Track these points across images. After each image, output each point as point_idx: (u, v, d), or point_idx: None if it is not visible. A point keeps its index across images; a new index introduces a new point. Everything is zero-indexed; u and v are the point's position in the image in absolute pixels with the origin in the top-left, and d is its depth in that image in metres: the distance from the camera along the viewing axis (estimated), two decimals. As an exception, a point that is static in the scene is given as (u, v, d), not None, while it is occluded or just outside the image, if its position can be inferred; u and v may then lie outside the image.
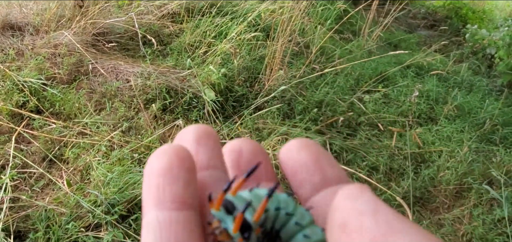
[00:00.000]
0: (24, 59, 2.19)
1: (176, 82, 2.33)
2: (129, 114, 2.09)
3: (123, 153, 1.75)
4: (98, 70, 2.28)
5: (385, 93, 2.75)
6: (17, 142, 1.75)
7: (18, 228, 1.40)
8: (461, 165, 2.11)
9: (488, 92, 3.19)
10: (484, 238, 1.86)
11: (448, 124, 2.51)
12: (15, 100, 1.91)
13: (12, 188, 1.49)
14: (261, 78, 2.54)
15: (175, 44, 2.76)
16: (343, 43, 3.31)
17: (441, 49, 3.93)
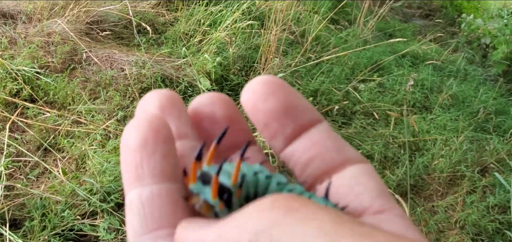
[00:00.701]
0: (17, 47, 2.17)
1: (171, 71, 2.31)
2: (124, 103, 2.08)
3: (119, 142, 1.74)
4: (92, 59, 2.26)
5: (380, 82, 2.75)
6: (11, 131, 1.74)
7: (14, 216, 1.40)
8: (456, 153, 2.13)
9: (483, 82, 3.21)
10: (477, 224, 1.88)
11: (443, 113, 2.53)
12: (8, 89, 1.89)
13: (7, 176, 1.49)
14: (256, 67, 2.53)
15: (170, 32, 2.74)
16: (338, 32, 3.30)
17: (436, 39, 3.94)
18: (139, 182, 0.18)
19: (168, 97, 0.21)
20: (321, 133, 0.21)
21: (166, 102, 0.21)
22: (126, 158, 0.19)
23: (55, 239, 1.34)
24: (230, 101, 0.22)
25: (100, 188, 1.45)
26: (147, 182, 0.18)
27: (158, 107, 0.21)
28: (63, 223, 1.38)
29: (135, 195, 0.18)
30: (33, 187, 1.52)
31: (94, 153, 1.63)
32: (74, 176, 1.56)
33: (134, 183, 0.18)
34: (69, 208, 1.43)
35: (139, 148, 0.18)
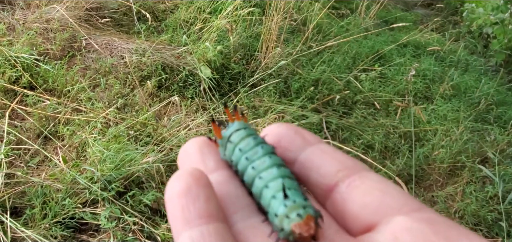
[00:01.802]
0: (16, 34, 2.14)
1: (172, 59, 2.30)
2: (124, 91, 2.07)
3: (119, 130, 1.74)
4: (92, 46, 2.24)
5: (381, 72, 2.74)
6: (11, 118, 1.73)
7: (14, 204, 1.40)
8: (456, 144, 2.13)
9: (484, 72, 3.19)
10: (476, 214, 1.89)
11: (444, 103, 2.52)
12: (7, 76, 1.87)
13: (7, 164, 1.48)
14: (257, 56, 2.52)
15: (170, 20, 2.72)
16: (340, 20, 3.27)
17: (438, 28, 3.91)
18: (188, 225, 0.20)
19: (205, 141, 0.26)
20: (328, 146, 0.24)
21: (204, 145, 0.25)
22: (173, 206, 0.21)
23: (56, 227, 1.34)
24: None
25: (100, 176, 1.45)
26: (195, 223, 0.20)
27: (197, 150, 0.25)
28: (64, 211, 1.38)
29: (186, 237, 0.20)
30: (33, 175, 1.52)
31: (94, 141, 1.63)
32: (75, 164, 1.56)
33: (183, 227, 0.20)
34: (69, 196, 1.42)
35: (184, 193, 0.21)
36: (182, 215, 0.20)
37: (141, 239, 1.37)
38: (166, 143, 1.73)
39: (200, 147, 0.25)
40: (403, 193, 0.21)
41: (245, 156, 0.23)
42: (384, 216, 0.20)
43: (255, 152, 0.23)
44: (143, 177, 1.57)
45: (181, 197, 0.21)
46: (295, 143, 0.24)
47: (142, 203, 1.48)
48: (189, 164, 0.24)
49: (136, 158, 1.58)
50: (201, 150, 0.25)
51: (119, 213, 1.40)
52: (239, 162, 0.23)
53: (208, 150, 0.25)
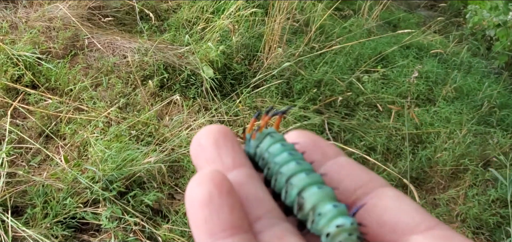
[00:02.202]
0: (18, 32, 2.14)
1: (174, 58, 2.29)
2: (126, 91, 2.06)
3: (121, 129, 1.73)
4: (94, 45, 2.24)
5: (384, 73, 2.73)
6: (13, 117, 1.73)
7: (16, 203, 1.40)
8: (459, 146, 2.12)
9: (487, 74, 3.18)
10: (478, 218, 1.88)
11: (447, 105, 2.52)
12: (9, 75, 1.87)
13: (9, 163, 1.48)
14: (260, 56, 2.51)
15: (173, 19, 2.71)
16: (342, 21, 3.26)
17: (441, 30, 3.90)
18: (211, 237, 0.19)
19: (220, 131, 0.23)
20: (347, 160, 0.24)
21: (219, 136, 0.23)
22: (195, 215, 0.19)
23: (57, 227, 1.34)
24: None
25: (102, 176, 1.45)
26: (220, 237, 0.19)
27: (213, 143, 0.23)
28: (65, 210, 1.38)
29: None
30: (35, 174, 1.52)
31: (96, 141, 1.62)
32: (76, 164, 1.55)
33: (207, 239, 0.19)
34: (71, 195, 1.42)
35: (206, 203, 0.19)
36: (206, 227, 0.19)
37: (142, 240, 1.37)
38: (167, 143, 1.72)
39: (215, 139, 0.22)
40: (419, 210, 0.21)
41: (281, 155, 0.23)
42: (402, 235, 0.20)
43: (290, 154, 0.23)
44: (144, 177, 1.56)
45: (203, 207, 0.19)
46: (313, 155, 0.24)
47: (144, 203, 1.47)
48: (203, 158, 0.22)
49: (138, 157, 1.58)
50: (217, 143, 0.22)
51: (120, 213, 1.40)
52: (274, 159, 0.23)
53: (224, 142, 0.23)
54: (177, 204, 1.56)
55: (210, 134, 0.23)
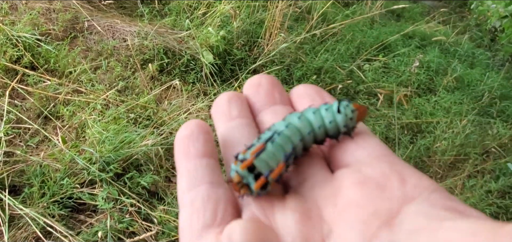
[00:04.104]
0: (18, 13, 2.14)
1: (174, 43, 2.29)
2: (125, 74, 2.06)
3: (119, 112, 1.74)
4: (94, 28, 2.23)
5: (385, 62, 2.71)
6: (12, 97, 1.74)
7: (13, 183, 1.41)
8: (459, 136, 2.12)
9: (489, 66, 3.16)
10: (475, 208, 1.88)
11: (447, 95, 2.50)
12: (9, 55, 1.87)
13: (7, 142, 1.49)
14: (260, 43, 2.50)
15: (174, 4, 2.70)
16: (345, 9, 3.23)
17: (445, 21, 3.86)
18: (186, 159, 0.26)
19: (234, 94, 0.29)
20: None
21: (232, 97, 0.29)
22: (178, 145, 0.26)
23: (54, 206, 1.35)
24: (273, 77, 0.31)
25: (99, 157, 1.45)
26: (192, 157, 0.26)
27: (227, 100, 0.29)
28: (62, 190, 1.39)
29: (183, 167, 0.26)
30: (32, 154, 1.52)
31: (94, 122, 1.63)
32: (74, 145, 1.56)
33: (183, 159, 0.26)
34: (68, 176, 1.43)
35: (187, 136, 0.26)
36: (184, 152, 0.26)
37: (138, 221, 1.38)
38: (165, 126, 1.73)
39: (229, 98, 0.29)
40: (381, 149, 0.25)
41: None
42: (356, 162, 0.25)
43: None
44: (141, 159, 1.57)
45: (185, 139, 0.26)
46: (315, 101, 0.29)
47: (140, 185, 1.48)
48: (217, 110, 0.29)
49: (135, 140, 1.58)
50: (229, 100, 0.29)
51: (117, 194, 1.41)
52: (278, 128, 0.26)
53: (235, 101, 0.29)
54: (173, 187, 1.56)
55: (226, 95, 0.29)
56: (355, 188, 0.22)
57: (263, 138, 0.25)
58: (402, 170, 0.23)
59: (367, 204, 0.21)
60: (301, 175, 0.25)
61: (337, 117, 0.26)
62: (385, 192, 0.22)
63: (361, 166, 0.24)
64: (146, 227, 1.37)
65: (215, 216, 0.23)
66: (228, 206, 0.24)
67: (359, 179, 0.23)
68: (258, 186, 0.24)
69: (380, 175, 0.22)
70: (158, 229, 1.36)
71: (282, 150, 0.25)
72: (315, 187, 0.24)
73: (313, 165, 0.26)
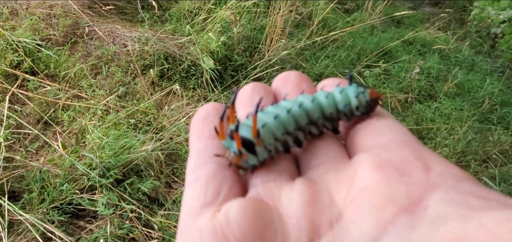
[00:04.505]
0: (18, 19, 2.14)
1: (175, 49, 2.29)
2: (125, 80, 2.06)
3: (119, 118, 1.73)
4: (94, 33, 2.23)
5: (385, 68, 2.71)
6: (12, 103, 1.73)
7: (13, 188, 1.40)
8: (460, 143, 2.11)
9: (490, 72, 3.16)
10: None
11: (448, 102, 2.50)
12: (9, 60, 1.87)
13: (6, 148, 1.48)
14: (261, 48, 2.50)
15: (174, 9, 2.70)
16: (346, 16, 3.24)
17: (445, 27, 3.87)
18: (198, 139, 0.26)
19: (260, 84, 0.29)
20: None
21: (257, 87, 0.29)
22: (193, 126, 0.27)
23: (53, 212, 1.34)
24: (302, 74, 0.30)
25: (99, 163, 1.45)
26: (204, 139, 0.25)
27: (251, 89, 0.29)
28: (62, 196, 1.38)
29: (194, 147, 0.25)
30: (32, 159, 1.52)
31: (94, 128, 1.62)
32: (74, 150, 1.55)
33: (195, 139, 0.26)
34: (68, 181, 1.42)
35: (202, 117, 0.26)
36: (197, 132, 0.26)
37: (138, 227, 1.37)
38: (165, 131, 1.72)
39: (253, 87, 0.29)
40: (403, 134, 0.24)
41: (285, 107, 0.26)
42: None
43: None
44: (142, 165, 1.56)
45: (200, 119, 0.26)
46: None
47: (140, 191, 1.47)
48: (241, 100, 0.28)
49: (136, 145, 1.58)
50: (253, 89, 0.29)
51: (117, 200, 1.40)
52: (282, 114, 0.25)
53: (258, 90, 0.29)
54: (174, 193, 1.55)
55: (252, 85, 0.29)
56: (372, 172, 0.21)
57: (267, 111, 0.25)
58: (427, 156, 0.21)
59: (383, 188, 0.20)
60: (316, 159, 0.25)
61: (352, 101, 0.26)
62: (405, 177, 0.20)
63: (380, 150, 0.22)
64: (147, 233, 1.36)
65: (217, 195, 0.23)
66: (234, 187, 0.23)
67: (377, 163, 0.21)
68: (238, 144, 0.23)
69: (401, 160, 0.21)
70: (159, 235, 1.35)
71: (282, 127, 0.24)
72: (330, 172, 0.23)
73: (329, 149, 0.25)
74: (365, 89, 0.26)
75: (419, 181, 0.20)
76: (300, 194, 0.22)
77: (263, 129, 0.24)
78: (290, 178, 0.24)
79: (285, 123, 0.24)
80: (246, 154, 0.24)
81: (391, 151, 0.22)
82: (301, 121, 0.25)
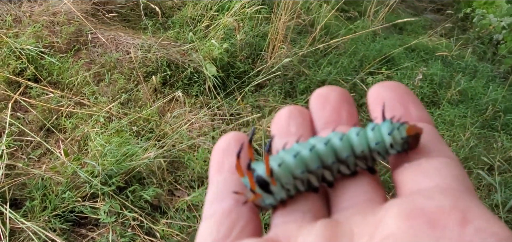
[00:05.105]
0: (22, 26, 2.15)
1: (177, 56, 2.29)
2: (128, 87, 2.06)
3: (121, 125, 1.73)
4: (97, 40, 2.24)
5: (388, 75, 2.71)
6: (14, 110, 1.73)
7: (14, 196, 1.39)
8: (463, 150, 2.10)
9: (492, 79, 3.15)
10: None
11: (451, 109, 2.49)
12: (12, 68, 1.87)
13: (9, 155, 1.48)
14: (264, 55, 2.50)
15: (177, 17, 2.71)
16: (348, 23, 3.25)
17: (447, 34, 3.87)
18: (218, 172, 0.25)
19: (297, 109, 0.28)
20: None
21: (293, 111, 0.28)
22: (214, 157, 0.26)
23: (55, 220, 1.34)
24: (343, 90, 0.29)
25: (101, 170, 1.44)
26: (224, 171, 0.25)
27: (287, 115, 0.28)
28: (64, 204, 1.38)
29: (214, 180, 0.25)
30: (34, 167, 1.51)
31: (96, 135, 1.62)
32: (76, 158, 1.55)
33: (215, 173, 0.25)
34: (70, 189, 1.42)
35: (223, 149, 0.26)
36: (217, 164, 0.25)
37: (140, 235, 1.36)
38: (167, 138, 1.71)
39: (289, 113, 0.28)
40: (453, 179, 0.21)
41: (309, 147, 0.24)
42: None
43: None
44: (144, 172, 1.56)
45: (220, 151, 0.26)
46: (395, 112, 0.26)
47: (143, 199, 1.47)
48: (276, 126, 0.27)
49: (138, 152, 1.57)
50: (290, 116, 0.27)
51: (119, 208, 1.39)
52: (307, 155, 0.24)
53: (295, 117, 0.27)
54: (176, 201, 1.55)
55: (288, 109, 0.28)
56: (400, 221, 0.19)
57: (291, 149, 0.24)
58: (468, 208, 0.19)
59: (408, 240, 0.18)
60: (347, 201, 0.23)
61: (385, 139, 0.23)
62: (436, 230, 0.18)
63: (418, 197, 0.20)
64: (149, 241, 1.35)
65: (230, 232, 0.22)
66: (249, 225, 0.23)
67: (408, 211, 0.19)
68: (252, 184, 0.23)
69: (436, 210, 0.19)
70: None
71: (302, 165, 0.23)
72: (356, 216, 0.22)
73: (362, 190, 0.23)
74: (401, 125, 0.23)
75: (450, 236, 0.18)
76: (317, 237, 0.21)
77: (280, 168, 0.23)
78: (313, 219, 0.23)
79: (307, 161, 0.23)
80: (260, 193, 0.23)
81: (430, 199, 0.20)
82: (327, 160, 0.24)
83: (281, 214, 0.23)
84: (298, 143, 0.24)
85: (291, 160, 0.23)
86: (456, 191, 0.20)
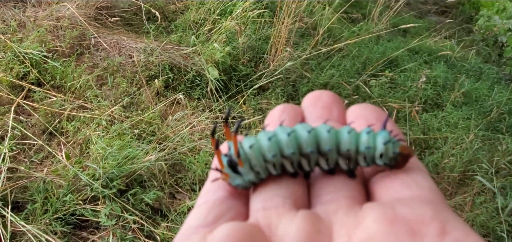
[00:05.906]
0: (26, 30, 2.17)
1: (180, 59, 2.30)
2: (130, 90, 2.07)
3: (123, 128, 1.73)
4: (100, 45, 2.25)
5: (391, 78, 2.70)
6: (17, 114, 1.74)
7: (16, 199, 1.40)
8: (467, 153, 2.08)
9: (497, 81, 3.12)
10: (485, 225, 1.84)
11: (455, 111, 2.47)
12: (15, 72, 1.89)
13: (11, 158, 1.49)
14: (266, 59, 2.50)
15: (180, 21, 2.72)
16: (351, 25, 3.24)
17: (451, 36, 3.84)
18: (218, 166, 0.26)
19: (290, 106, 0.30)
20: None
21: (287, 107, 0.30)
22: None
23: (56, 223, 1.34)
24: (335, 95, 0.30)
25: (102, 173, 1.45)
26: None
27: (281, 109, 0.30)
28: (65, 207, 1.38)
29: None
30: (36, 170, 1.52)
31: (98, 138, 1.63)
32: (77, 161, 1.56)
33: (215, 167, 0.25)
34: (71, 192, 1.42)
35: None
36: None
37: (141, 238, 1.36)
38: (169, 141, 1.72)
39: (283, 108, 0.29)
40: (430, 194, 0.22)
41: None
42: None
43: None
44: (145, 175, 1.56)
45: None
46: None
47: (143, 202, 1.47)
48: (270, 120, 0.29)
49: (139, 155, 1.57)
50: (283, 110, 0.29)
51: (120, 211, 1.40)
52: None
53: (288, 111, 0.29)
54: (177, 204, 1.55)
55: (281, 106, 0.30)
56: (380, 225, 0.19)
57: (269, 132, 0.24)
58: (447, 220, 0.19)
59: None
60: (330, 194, 0.23)
61: (377, 146, 0.23)
62: (416, 238, 0.18)
63: (397, 204, 0.20)
64: (149, 245, 1.35)
65: (217, 220, 0.22)
66: (238, 217, 0.23)
67: (389, 216, 0.20)
68: (220, 163, 0.23)
69: (416, 219, 0.19)
70: (161, 246, 1.34)
71: (276, 149, 0.23)
72: (338, 212, 0.22)
73: (347, 187, 0.23)
74: (396, 141, 0.24)
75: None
76: (298, 230, 0.21)
77: (250, 149, 0.23)
78: (293, 206, 0.22)
79: (282, 145, 0.23)
80: (227, 173, 0.23)
81: (410, 208, 0.20)
82: (306, 148, 0.23)
83: (261, 198, 0.23)
84: (281, 126, 0.24)
85: (264, 143, 0.23)
86: (435, 203, 0.21)
